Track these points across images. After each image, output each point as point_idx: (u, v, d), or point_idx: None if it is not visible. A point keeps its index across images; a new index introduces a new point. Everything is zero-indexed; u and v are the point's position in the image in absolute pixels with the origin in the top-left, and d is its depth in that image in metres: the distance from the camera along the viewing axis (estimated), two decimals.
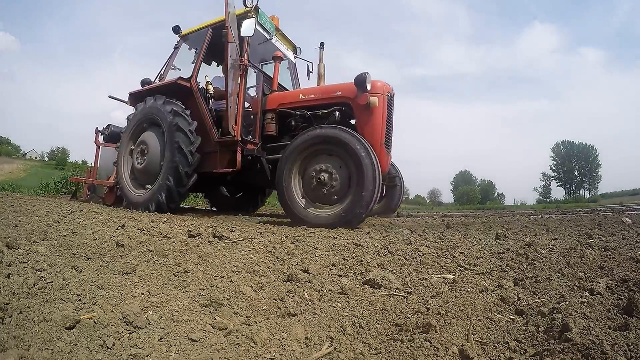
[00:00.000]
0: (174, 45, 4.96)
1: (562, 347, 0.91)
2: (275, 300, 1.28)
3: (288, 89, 5.00)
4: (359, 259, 1.83)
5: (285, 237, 2.40)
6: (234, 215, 4.67)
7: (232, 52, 3.87)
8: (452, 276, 1.56)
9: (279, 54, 4.79)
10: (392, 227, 3.63)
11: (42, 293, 0.99)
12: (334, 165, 3.38)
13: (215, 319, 1.07)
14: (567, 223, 4.03)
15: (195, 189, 5.12)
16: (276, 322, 1.11)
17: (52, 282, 1.05)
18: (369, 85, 3.48)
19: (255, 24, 3.81)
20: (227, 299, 1.20)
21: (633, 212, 6.25)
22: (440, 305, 1.24)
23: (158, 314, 1.02)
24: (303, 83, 5.34)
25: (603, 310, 1.11)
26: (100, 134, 5.85)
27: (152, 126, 4.49)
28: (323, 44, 4.97)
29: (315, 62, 5.01)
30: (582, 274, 1.54)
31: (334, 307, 1.24)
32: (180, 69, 4.91)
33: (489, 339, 1.04)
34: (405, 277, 1.57)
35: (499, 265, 1.78)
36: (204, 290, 1.24)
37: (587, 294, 1.26)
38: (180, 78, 4.37)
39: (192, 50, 4.96)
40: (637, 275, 1.37)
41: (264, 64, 5.09)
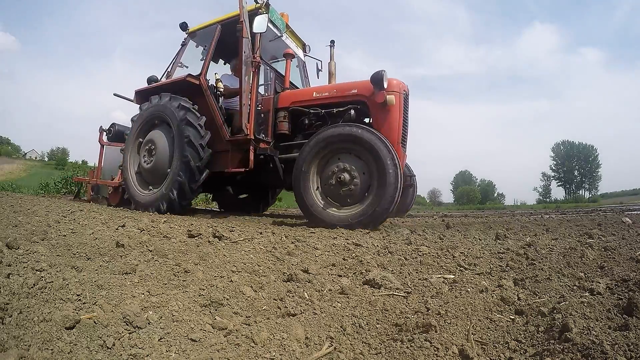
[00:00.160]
0: (181, 43, 4.85)
1: (562, 347, 0.91)
2: (275, 300, 1.28)
3: (298, 87, 4.91)
4: (359, 259, 1.83)
5: (285, 237, 2.40)
6: (237, 215, 4.67)
7: (247, 48, 3.79)
8: (452, 276, 1.56)
9: (290, 51, 4.67)
10: (392, 227, 3.63)
11: (42, 293, 0.99)
12: (355, 165, 3.29)
13: (215, 319, 1.07)
14: (567, 223, 4.03)
15: (204, 189, 4.97)
16: (276, 322, 1.11)
17: (52, 282, 1.05)
18: (385, 83, 3.40)
19: (267, 20, 3.72)
20: (227, 299, 1.20)
21: (633, 212, 6.25)
22: (440, 305, 1.24)
23: (158, 314, 1.02)
24: (313, 81, 5.26)
25: (603, 310, 1.11)
26: (104, 133, 5.71)
27: (159, 125, 4.38)
28: (333, 41, 4.88)
29: (325, 60, 4.95)
30: (582, 274, 1.54)
31: (334, 307, 1.24)
32: (187, 66, 4.81)
33: (489, 339, 1.05)
34: (405, 277, 1.57)
35: (499, 265, 1.78)
36: (204, 290, 1.24)
37: (587, 294, 1.26)
38: (189, 75, 4.23)
39: (200, 48, 4.86)
40: (637, 275, 1.38)
41: (274, 61, 4.99)
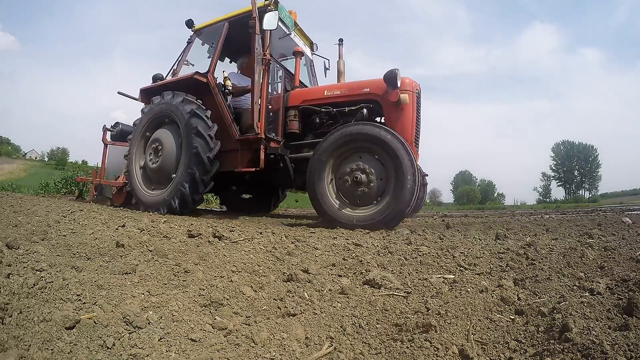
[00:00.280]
0: (187, 40, 4.78)
1: (562, 347, 0.91)
2: (275, 300, 1.28)
3: (306, 85, 4.87)
4: (359, 259, 1.83)
5: (285, 237, 2.40)
6: (237, 216, 4.67)
7: (258, 45, 3.75)
8: (452, 276, 1.56)
9: (299, 49, 4.62)
10: None
11: (42, 293, 0.99)
12: (371, 164, 3.25)
13: (215, 319, 1.07)
14: (567, 223, 4.02)
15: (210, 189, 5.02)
16: (276, 322, 1.11)
17: (52, 282, 1.05)
18: (399, 82, 3.37)
19: (277, 17, 3.67)
20: (227, 299, 1.20)
21: (633, 212, 6.25)
22: (440, 305, 1.24)
23: (158, 314, 1.02)
24: (320, 80, 5.22)
25: (603, 310, 1.11)
26: (108, 132, 5.59)
27: (166, 123, 4.28)
28: (342, 40, 4.82)
29: (333, 59, 4.91)
30: (582, 274, 1.54)
31: (334, 307, 1.24)
32: (193, 64, 4.75)
33: (489, 339, 1.04)
34: (405, 277, 1.57)
35: (499, 265, 1.78)
36: (204, 290, 1.24)
37: (587, 294, 1.26)
38: (197, 73, 4.12)
39: (205, 46, 4.80)
40: (637, 275, 1.37)
41: (283, 59, 4.94)
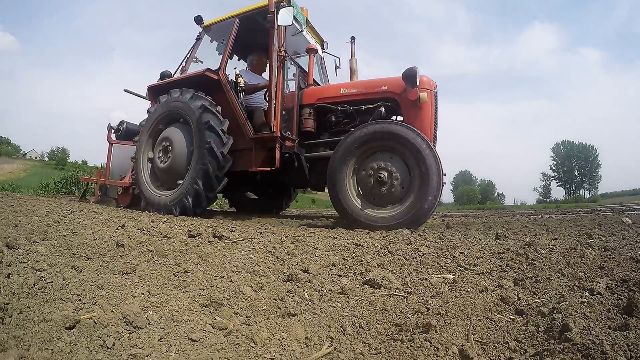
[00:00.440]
0: (195, 37, 4.70)
1: (562, 347, 0.91)
2: (275, 300, 1.28)
3: (319, 83, 4.82)
4: (359, 259, 1.83)
5: (285, 237, 2.40)
6: (237, 216, 4.66)
7: (276, 40, 3.71)
8: (452, 276, 1.56)
9: (313, 46, 4.52)
10: None
11: (42, 293, 0.99)
12: (394, 163, 3.18)
13: (215, 319, 1.07)
14: (567, 223, 4.02)
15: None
16: (276, 322, 1.11)
17: (52, 282, 1.05)
18: (418, 80, 3.31)
19: (292, 13, 3.61)
20: (227, 299, 1.20)
21: (633, 212, 6.25)
22: (440, 305, 1.24)
23: (158, 314, 1.02)
24: (331, 78, 5.15)
25: (603, 310, 1.11)
26: (113, 131, 5.48)
27: (176, 122, 4.18)
28: (354, 38, 4.75)
29: (346, 57, 4.81)
30: (582, 274, 1.54)
31: (334, 307, 1.24)
32: (202, 61, 4.68)
33: (489, 339, 1.04)
34: (405, 277, 1.57)
35: (499, 265, 1.78)
36: (204, 290, 1.24)
37: (587, 294, 1.26)
38: (208, 69, 4.03)
39: (214, 43, 4.74)
40: (637, 275, 1.37)
41: (296, 57, 4.86)
